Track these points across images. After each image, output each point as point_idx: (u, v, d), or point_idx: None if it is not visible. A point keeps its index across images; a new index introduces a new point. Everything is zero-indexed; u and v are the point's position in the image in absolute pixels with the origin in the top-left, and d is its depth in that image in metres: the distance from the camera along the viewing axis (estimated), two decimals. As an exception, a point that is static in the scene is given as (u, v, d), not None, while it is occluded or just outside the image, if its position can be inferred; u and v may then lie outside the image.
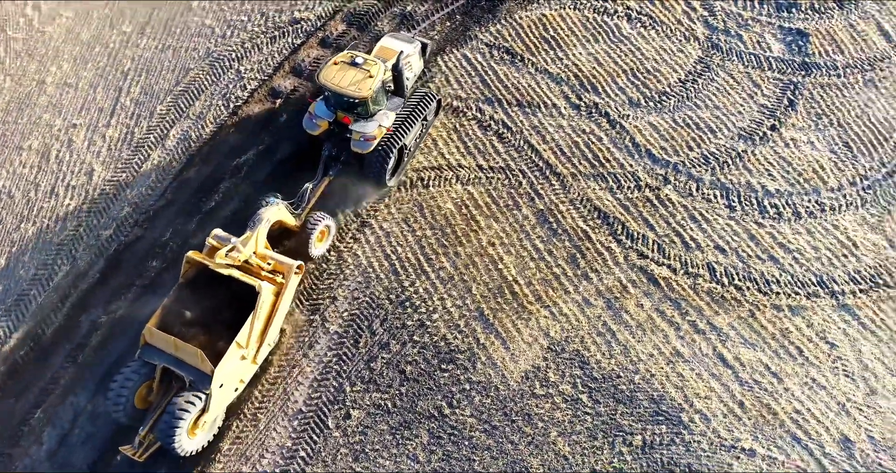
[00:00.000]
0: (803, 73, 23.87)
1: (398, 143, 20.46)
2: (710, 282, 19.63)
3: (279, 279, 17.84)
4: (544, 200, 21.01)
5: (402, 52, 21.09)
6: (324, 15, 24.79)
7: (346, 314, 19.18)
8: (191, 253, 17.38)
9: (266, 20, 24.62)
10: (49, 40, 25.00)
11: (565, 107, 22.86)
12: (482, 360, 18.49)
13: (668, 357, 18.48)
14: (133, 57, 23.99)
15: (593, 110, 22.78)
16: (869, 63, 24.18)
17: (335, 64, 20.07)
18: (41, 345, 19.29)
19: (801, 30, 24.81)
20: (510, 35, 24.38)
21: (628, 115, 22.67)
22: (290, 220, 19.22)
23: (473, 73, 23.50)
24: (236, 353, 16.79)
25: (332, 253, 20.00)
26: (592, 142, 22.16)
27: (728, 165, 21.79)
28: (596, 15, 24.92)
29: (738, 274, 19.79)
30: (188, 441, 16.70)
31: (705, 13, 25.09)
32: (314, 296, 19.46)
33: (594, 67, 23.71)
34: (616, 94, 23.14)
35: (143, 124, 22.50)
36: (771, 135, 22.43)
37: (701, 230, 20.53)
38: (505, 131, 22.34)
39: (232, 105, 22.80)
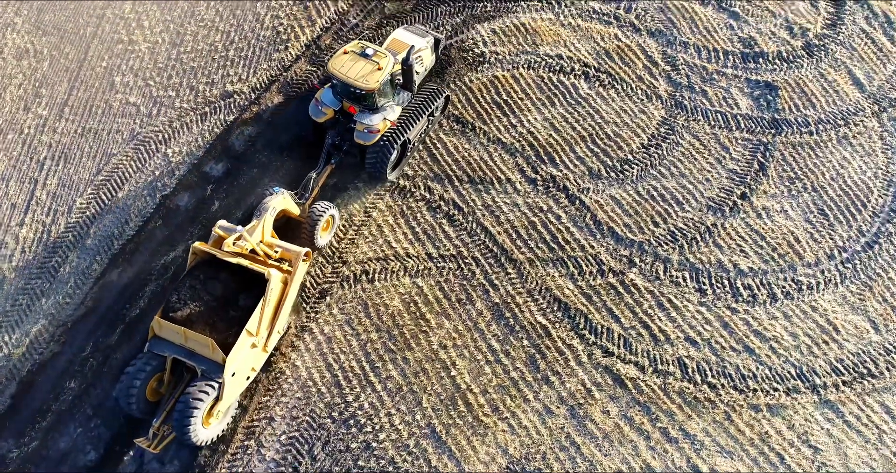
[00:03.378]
0: (773, 131, 22.34)
1: (401, 138, 20.21)
2: (682, 381, 18.05)
3: (286, 267, 17.80)
4: (500, 292, 19.35)
5: (413, 45, 20.70)
6: (258, 86, 22.95)
7: (283, 437, 17.39)
8: (197, 244, 17.32)
9: (195, 95, 22.74)
10: (-39, 123, 23.13)
11: (520, 182, 21.21)
12: (435, 484, 16.82)
13: (639, 472, 16.91)
14: (50, 143, 22.03)
15: (551, 184, 21.15)
16: (842, 117, 22.69)
17: (345, 53, 20.03)
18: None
19: (770, 82, 23.28)
20: (460, 101, 22.66)
21: (588, 189, 21.04)
22: (295, 210, 19.27)
23: (421, 147, 21.78)
24: (247, 341, 16.72)
25: (268, 365, 18.29)
26: (550, 222, 20.51)
27: (697, 242, 20.22)
28: (551, 74, 23.27)
29: (711, 369, 18.23)
30: (203, 431, 16.63)
31: (667, 68, 23.52)
32: (251, 418, 17.72)
33: (551, 134, 22.06)
34: (575, 165, 21.52)
35: (61, 221, 20.58)
36: (742, 204, 20.87)
37: (670, 319, 18.95)
38: (456, 213, 20.64)
39: (159, 195, 20.93)
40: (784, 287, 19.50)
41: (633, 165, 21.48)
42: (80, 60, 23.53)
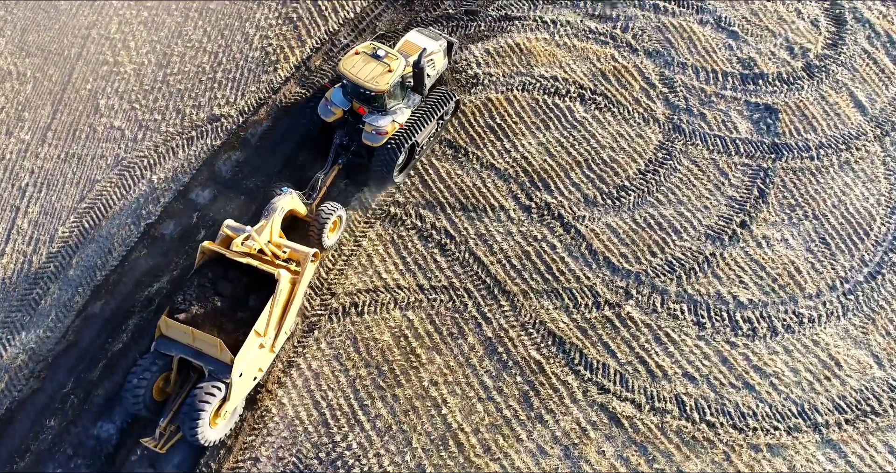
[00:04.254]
0: (773, 156, 21.83)
1: (409, 141, 20.06)
2: (680, 420, 17.53)
3: (293, 267, 17.67)
4: (492, 325, 18.82)
5: (425, 48, 20.72)
6: (246, 109, 22.41)
7: (269, 479, 16.96)
8: (205, 243, 17.27)
9: (182, 118, 22.19)
10: (-57, 147, 22.57)
11: (514, 210, 20.68)
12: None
13: (635, 515, 16.43)
14: (32, 169, 21.47)
15: (545, 212, 20.62)
16: (843, 141, 22.18)
17: (357, 53, 19.95)
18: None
19: (770, 105, 22.76)
20: (452, 125, 22.14)
21: (584, 217, 20.52)
22: (302, 210, 19.15)
23: (413, 173, 21.27)
24: (255, 341, 16.58)
25: (253, 403, 17.72)
26: (545, 251, 19.99)
27: (695, 272, 19.70)
28: (546, 96, 22.74)
29: (710, 407, 17.71)
30: (210, 431, 16.53)
31: (665, 90, 22.99)
32: (236, 459, 17.17)
33: (545, 160, 21.53)
34: (570, 192, 20.99)
35: (43, 250, 20.03)
36: (741, 233, 20.35)
37: (668, 354, 18.43)
38: (448, 242, 20.12)
39: (143, 223, 20.38)
40: (785, 320, 18.98)
41: (629, 192, 20.96)
42: (64, 83, 22.99)
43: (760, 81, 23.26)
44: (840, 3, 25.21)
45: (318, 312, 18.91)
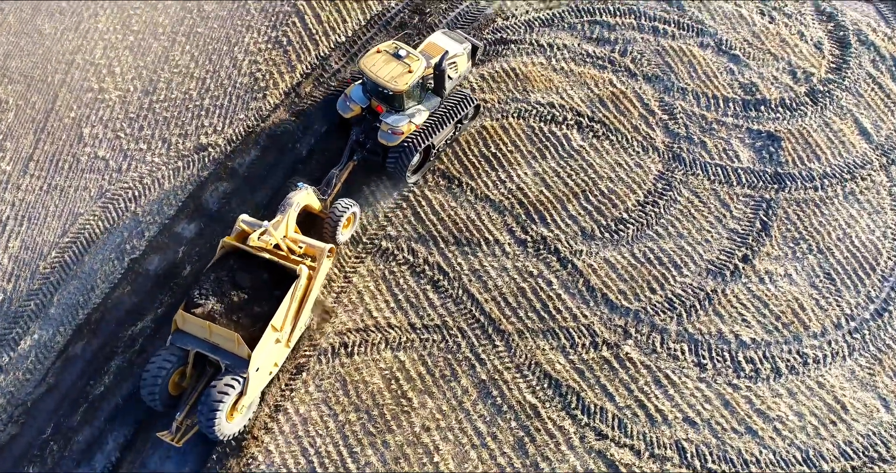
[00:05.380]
0: (776, 186, 21.21)
1: (425, 142, 20.11)
2: (680, 467, 16.88)
3: (308, 262, 17.74)
4: (487, 367, 18.21)
5: (447, 51, 20.75)
6: (234, 138, 21.79)
7: (255, 532, 16.36)
8: (227, 238, 17.51)
9: (168, 148, 21.58)
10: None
11: (509, 244, 20.08)
12: None
13: None
14: (13, 202, 20.82)
15: (541, 246, 20.01)
16: (848, 170, 21.58)
17: (378, 52, 20.04)
18: None
19: (772, 133, 22.16)
20: (446, 154, 21.53)
21: (581, 251, 19.92)
22: (317, 205, 19.27)
23: (405, 205, 20.67)
24: (272, 337, 16.70)
25: (239, 450, 17.02)
26: (541, 288, 19.38)
27: (696, 310, 19.09)
28: (542, 124, 22.14)
29: (711, 453, 17.09)
30: (227, 426, 16.59)
31: (665, 116, 22.39)
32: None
33: (542, 191, 20.92)
34: (567, 224, 20.38)
35: (23, 287, 19.40)
36: (743, 268, 19.74)
37: (668, 397, 17.81)
38: (441, 278, 19.51)
39: (127, 258, 19.76)
40: (788, 360, 18.38)
41: (628, 225, 20.35)
42: (47, 111, 22.38)
43: (762, 107, 22.66)
44: (844, 25, 24.67)
45: (307, 353, 18.31)
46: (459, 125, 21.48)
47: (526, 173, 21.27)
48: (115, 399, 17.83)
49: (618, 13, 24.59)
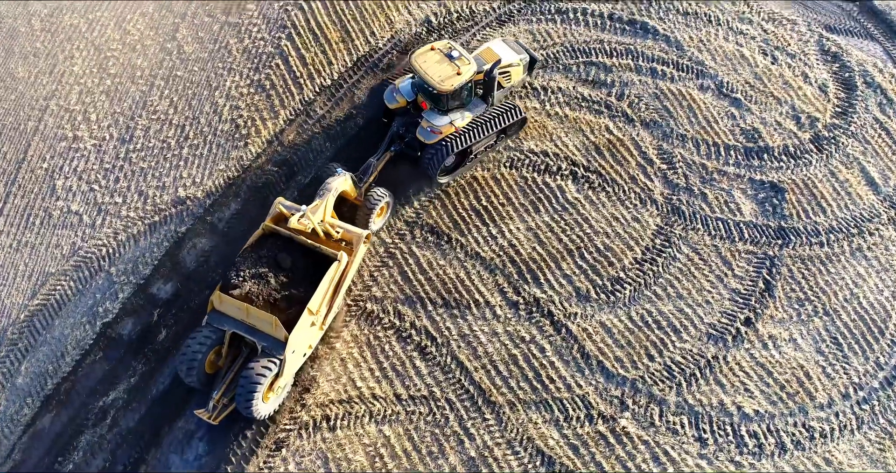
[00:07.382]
0: (780, 242, 20.30)
1: (461, 146, 20.22)
2: (680, 554, 16.12)
3: (343, 247, 18.03)
4: (476, 443, 17.27)
5: (500, 59, 20.76)
6: (214, 190, 20.90)
7: None
8: (268, 222, 17.74)
9: (144, 201, 20.63)
10: None
11: (501, 306, 19.17)
12: None
13: None
14: (-19, 261, 20.09)
15: (534, 308, 19.09)
16: (855, 224, 20.66)
17: (432, 49, 20.19)
18: None
19: (776, 183, 21.22)
20: (435, 208, 20.59)
21: (576, 314, 19.00)
22: (353, 192, 19.54)
23: (391, 263, 19.74)
24: (308, 320, 16.96)
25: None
26: (534, 355, 18.46)
27: (696, 379, 18.18)
28: (536, 174, 21.22)
29: (713, 539, 16.29)
30: (263, 406, 16.92)
31: (663, 166, 21.46)
32: None
33: (535, 248, 20.01)
34: (561, 285, 19.46)
35: (-11, 355, 18.64)
36: (746, 332, 18.82)
37: (666, 476, 17.00)
38: (429, 343, 18.58)
39: (99, 322, 18.82)
40: (794, 434, 17.47)
41: (625, 285, 19.44)
42: (18, 161, 21.42)
43: (765, 155, 21.74)
44: (849, 65, 23.75)
45: (287, 427, 17.39)
46: (503, 135, 21.49)
47: (518, 228, 20.35)
48: (84, 479, 17.04)
49: (614, 53, 23.66)
